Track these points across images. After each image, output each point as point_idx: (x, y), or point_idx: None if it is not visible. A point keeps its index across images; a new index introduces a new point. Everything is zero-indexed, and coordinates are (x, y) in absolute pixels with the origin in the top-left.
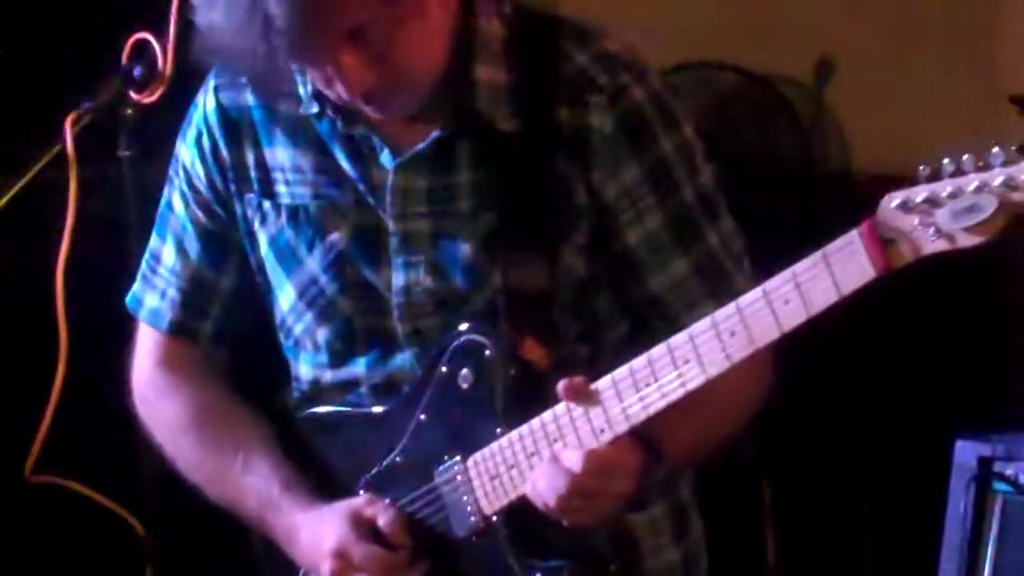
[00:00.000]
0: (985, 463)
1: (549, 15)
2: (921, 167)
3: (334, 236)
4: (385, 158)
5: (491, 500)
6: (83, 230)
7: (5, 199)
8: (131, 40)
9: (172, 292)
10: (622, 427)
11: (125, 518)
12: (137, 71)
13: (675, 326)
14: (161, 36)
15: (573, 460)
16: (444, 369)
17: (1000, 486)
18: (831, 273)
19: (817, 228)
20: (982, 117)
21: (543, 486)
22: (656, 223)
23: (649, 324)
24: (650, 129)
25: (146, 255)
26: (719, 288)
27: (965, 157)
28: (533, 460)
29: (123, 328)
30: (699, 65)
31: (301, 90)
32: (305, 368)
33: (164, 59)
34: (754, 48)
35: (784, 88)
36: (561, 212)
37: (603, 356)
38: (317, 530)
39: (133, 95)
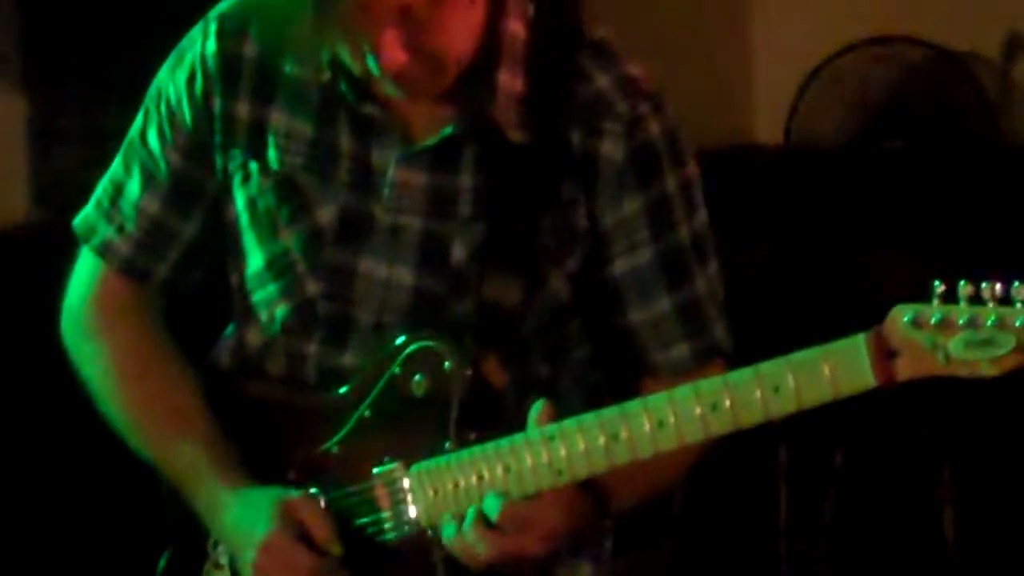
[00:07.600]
0: None
1: (569, 24)
2: (936, 282)
3: (319, 213)
4: (390, 144)
5: (430, 513)
6: None
7: None
8: None
9: (131, 228)
10: (582, 472)
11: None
12: None
13: (644, 360)
14: None
15: (492, 511)
16: (397, 370)
17: None
18: (831, 373)
19: (1002, 207)
20: None
21: (460, 550)
22: (647, 258)
23: (617, 351)
24: (659, 165)
25: (106, 181)
26: (697, 333)
27: (984, 285)
28: (483, 485)
29: None
30: (889, 39)
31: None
32: (253, 336)
33: None
34: (943, 24)
35: (972, 64)
36: (558, 235)
37: (564, 376)
38: (245, 514)
39: None
